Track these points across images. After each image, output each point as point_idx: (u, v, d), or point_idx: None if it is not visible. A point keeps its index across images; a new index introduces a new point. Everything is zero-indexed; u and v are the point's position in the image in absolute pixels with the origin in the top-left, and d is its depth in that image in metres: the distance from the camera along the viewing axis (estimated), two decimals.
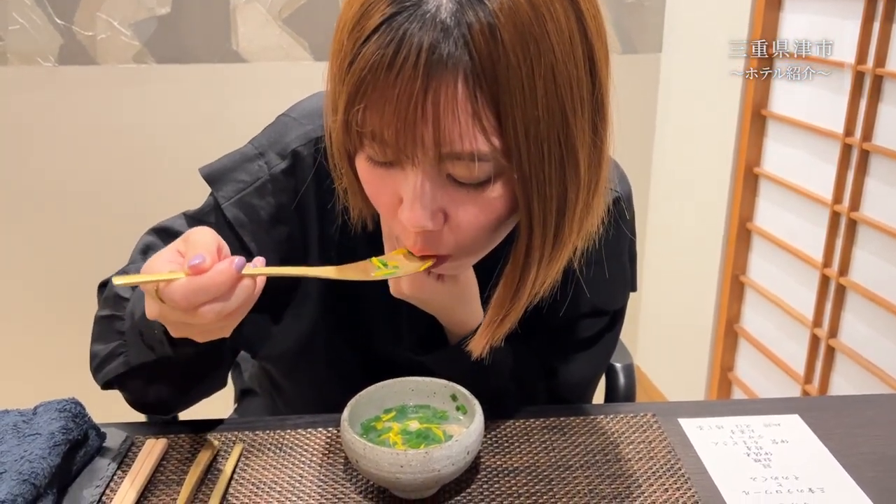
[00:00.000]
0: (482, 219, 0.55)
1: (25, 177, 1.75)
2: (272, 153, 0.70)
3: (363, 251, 0.65)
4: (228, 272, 0.50)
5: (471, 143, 0.50)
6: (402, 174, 0.54)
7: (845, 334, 1.33)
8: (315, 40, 1.72)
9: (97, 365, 0.67)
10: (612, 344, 0.80)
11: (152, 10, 1.66)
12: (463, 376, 0.68)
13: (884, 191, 1.22)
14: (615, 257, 0.73)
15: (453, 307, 0.67)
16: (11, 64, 1.67)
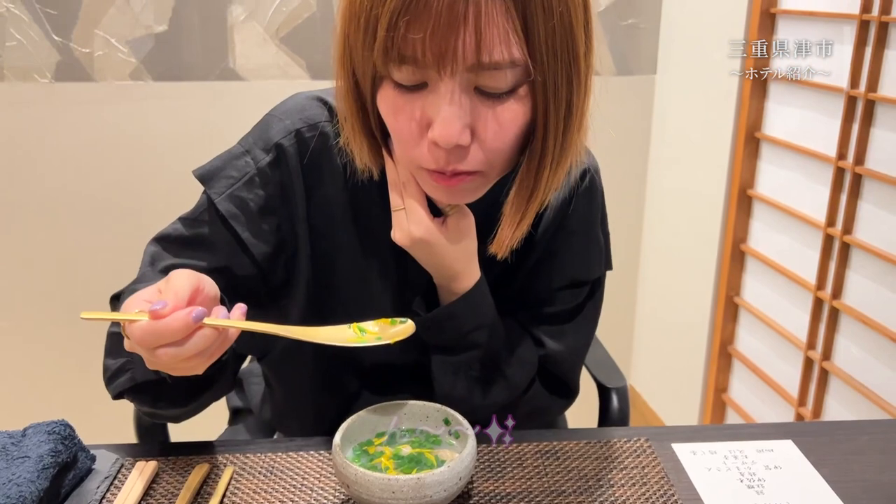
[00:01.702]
0: (505, 131, 0.60)
1: (21, 193, 1.74)
2: (257, 149, 0.74)
3: (373, 209, 0.73)
4: (184, 321, 0.53)
5: (506, 50, 0.56)
6: (432, 94, 0.59)
7: (839, 357, 1.33)
8: (312, 59, 1.72)
9: (108, 378, 0.70)
10: (595, 313, 0.84)
11: (150, 28, 1.67)
12: (459, 338, 0.72)
13: (877, 214, 1.22)
14: (589, 228, 0.79)
15: (454, 258, 0.71)
16: (8, 80, 1.67)
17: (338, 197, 0.75)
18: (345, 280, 0.77)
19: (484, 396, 0.77)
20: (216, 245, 0.74)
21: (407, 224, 0.69)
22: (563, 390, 0.83)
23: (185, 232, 0.75)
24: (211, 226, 0.74)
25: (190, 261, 0.73)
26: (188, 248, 0.74)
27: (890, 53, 1.18)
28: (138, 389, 0.66)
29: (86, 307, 1.88)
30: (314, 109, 0.75)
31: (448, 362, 0.75)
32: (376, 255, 0.76)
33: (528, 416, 0.81)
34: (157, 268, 0.73)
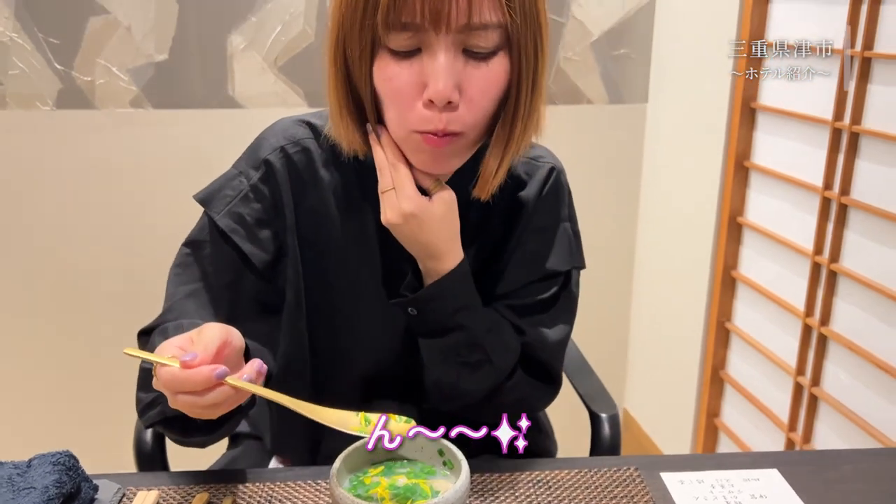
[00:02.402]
0: (489, 90, 0.70)
1: (23, 218, 1.76)
2: (249, 168, 0.82)
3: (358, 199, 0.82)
4: (207, 376, 0.58)
5: (492, 12, 0.67)
6: (426, 56, 0.68)
7: (827, 383, 1.36)
8: (309, 87, 1.76)
9: (140, 410, 0.74)
10: (569, 305, 0.89)
11: (150, 57, 1.70)
12: (446, 318, 0.78)
13: (862, 244, 1.25)
14: (558, 222, 0.87)
15: (440, 236, 0.76)
16: (10, 107, 1.70)
17: (323, 205, 0.82)
18: (335, 280, 0.84)
19: (472, 381, 0.82)
20: (221, 261, 0.80)
21: (397, 201, 0.74)
22: (546, 378, 0.88)
23: (192, 256, 0.82)
24: (213, 244, 0.81)
25: (198, 284, 0.80)
26: (198, 272, 0.81)
27: (872, 87, 1.21)
28: (168, 421, 0.71)
29: (88, 332, 1.90)
30: (297, 129, 0.83)
31: (436, 347, 0.81)
32: (363, 254, 0.83)
33: (512, 406, 0.82)
34: (179, 295, 0.80)
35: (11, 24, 1.65)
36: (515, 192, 0.85)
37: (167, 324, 0.74)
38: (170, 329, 0.72)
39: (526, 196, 0.85)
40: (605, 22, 1.80)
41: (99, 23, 1.67)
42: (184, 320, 0.74)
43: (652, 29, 1.82)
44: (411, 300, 0.79)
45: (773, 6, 1.44)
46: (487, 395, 0.83)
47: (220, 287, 0.79)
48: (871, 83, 1.21)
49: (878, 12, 1.19)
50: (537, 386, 0.87)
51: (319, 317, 0.85)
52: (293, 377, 0.86)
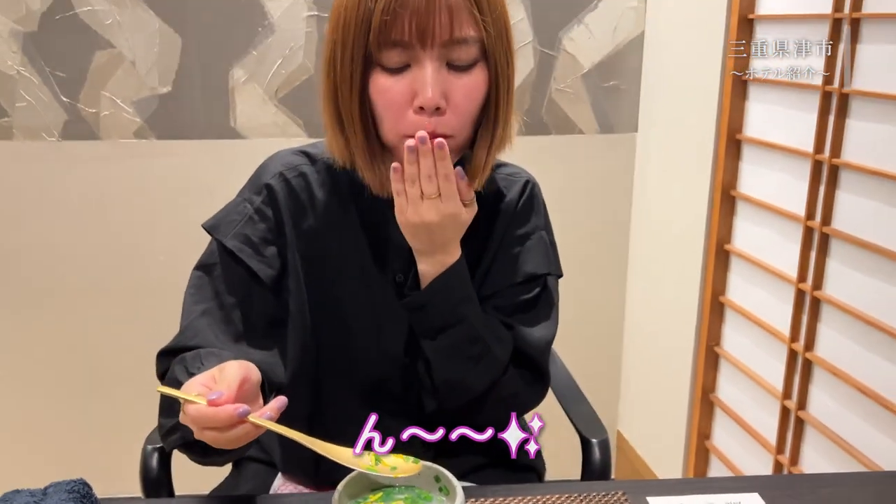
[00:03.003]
0: (471, 97, 0.80)
1: (29, 246, 1.80)
2: (252, 194, 0.91)
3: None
4: (230, 414, 0.63)
5: (470, 28, 0.78)
6: (415, 70, 0.78)
7: (813, 407, 1.39)
8: (309, 118, 1.81)
9: (163, 434, 0.79)
10: (549, 307, 0.96)
11: (154, 90, 1.75)
12: (450, 310, 0.85)
13: (843, 272, 1.30)
14: (534, 229, 0.95)
15: (445, 239, 0.84)
16: (17, 139, 1.74)
17: (319, 222, 0.90)
18: (336, 291, 0.91)
19: (476, 374, 0.88)
20: (232, 280, 0.87)
21: (442, 204, 0.81)
22: (535, 374, 0.93)
23: (204, 278, 0.88)
24: (223, 265, 0.87)
25: (210, 303, 0.86)
26: (210, 291, 0.87)
27: (850, 123, 1.26)
28: (189, 445, 0.76)
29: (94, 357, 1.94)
30: (294, 158, 0.93)
31: (442, 346, 0.87)
32: (359, 263, 0.90)
33: (508, 402, 0.91)
34: (194, 314, 0.86)
35: (19, 58, 1.70)
36: (496, 203, 0.94)
37: (185, 354, 0.80)
38: (187, 359, 0.78)
39: (505, 206, 0.94)
40: (596, 55, 1.85)
41: (104, 57, 1.72)
42: (201, 350, 0.79)
43: (641, 62, 1.87)
44: (421, 293, 0.86)
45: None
46: (486, 391, 0.89)
47: (232, 304, 0.86)
48: (848, 118, 1.27)
49: (855, 51, 1.24)
50: (528, 381, 0.93)
51: (324, 327, 0.91)
52: (300, 385, 0.92)
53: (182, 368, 0.77)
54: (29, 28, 1.68)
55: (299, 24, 1.74)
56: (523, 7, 1.80)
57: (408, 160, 0.79)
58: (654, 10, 1.83)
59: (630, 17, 1.85)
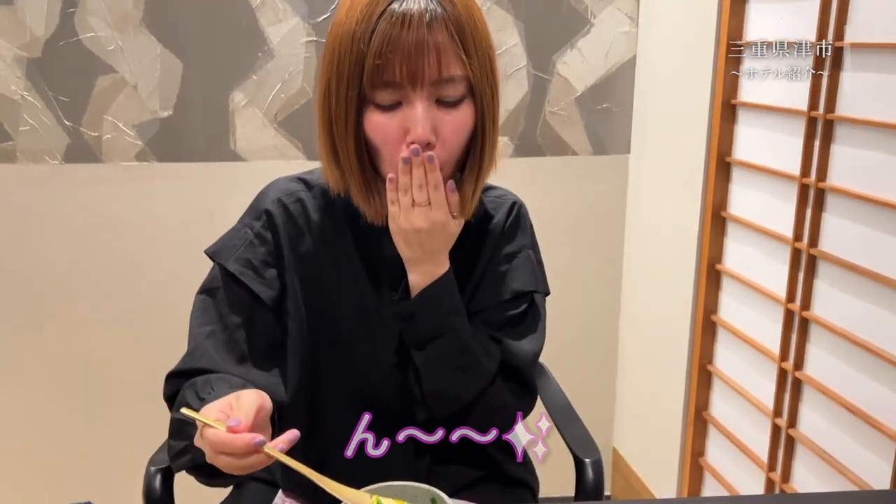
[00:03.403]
0: (459, 131, 0.85)
1: (32, 268, 1.83)
2: (252, 220, 0.95)
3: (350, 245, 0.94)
4: (247, 443, 0.66)
5: (457, 67, 0.82)
6: (406, 108, 0.82)
7: (803, 425, 1.42)
8: (308, 141, 1.84)
9: (172, 457, 0.82)
10: (535, 322, 0.99)
11: (156, 113, 1.79)
12: (440, 320, 0.89)
13: (831, 293, 1.33)
14: (521, 248, 0.99)
15: (445, 245, 0.89)
16: (20, 162, 1.77)
17: (316, 244, 0.94)
18: (333, 310, 0.94)
19: (464, 385, 0.91)
20: (235, 303, 0.90)
21: (432, 212, 0.85)
22: (522, 386, 0.97)
23: (208, 301, 0.91)
24: (226, 289, 0.91)
25: (215, 325, 0.89)
26: (214, 314, 0.90)
27: (836, 148, 1.30)
28: (197, 467, 0.78)
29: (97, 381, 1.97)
30: (291, 184, 0.97)
31: (431, 356, 0.90)
32: (354, 282, 0.94)
33: (497, 412, 0.94)
34: (200, 337, 0.90)
35: (23, 83, 1.73)
36: (484, 224, 0.98)
37: (196, 379, 0.83)
38: (198, 384, 0.81)
39: (493, 226, 0.98)
40: (589, 78, 1.89)
41: (107, 81, 1.75)
42: (211, 375, 0.83)
43: (633, 85, 1.91)
44: (411, 303, 0.90)
45: (745, 69, 1.54)
46: (474, 401, 0.92)
47: (235, 326, 0.90)
48: (834, 144, 1.30)
49: (839, 78, 1.28)
50: (516, 393, 0.96)
51: (321, 344, 0.95)
52: (299, 400, 0.95)
53: (193, 393, 0.79)
54: (33, 54, 1.72)
55: (298, 49, 1.78)
56: (517, 32, 1.84)
57: (402, 171, 0.84)
58: (645, 35, 1.88)
59: (622, 42, 1.89)
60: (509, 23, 1.83)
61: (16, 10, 1.69)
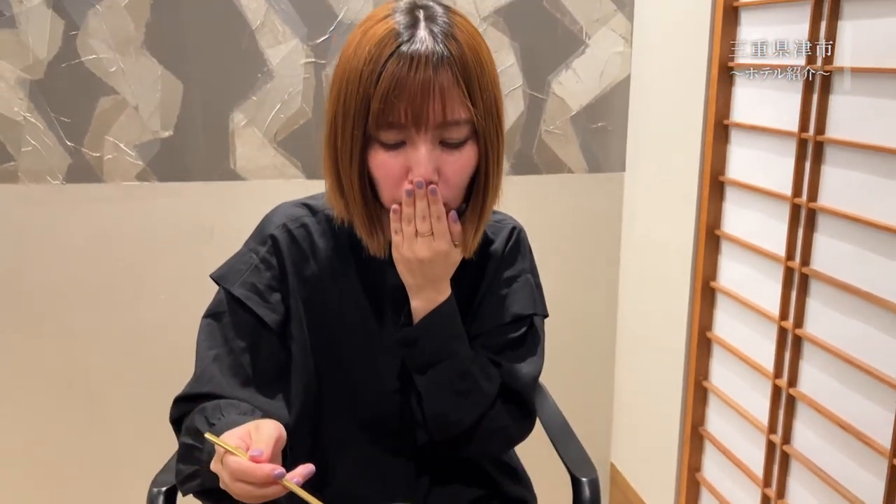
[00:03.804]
0: (462, 172, 0.86)
1: (33, 287, 1.84)
2: (257, 245, 0.96)
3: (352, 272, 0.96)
4: (267, 474, 0.68)
5: (462, 111, 0.83)
6: (410, 149, 0.83)
7: (798, 442, 1.44)
8: (307, 161, 1.86)
9: (181, 481, 0.84)
10: (535, 346, 1.01)
11: (156, 134, 1.81)
12: (442, 345, 0.90)
13: (824, 312, 1.35)
14: (521, 272, 1.02)
15: (446, 273, 0.91)
16: (22, 182, 1.79)
17: (320, 269, 0.96)
18: (336, 334, 0.96)
19: (464, 409, 0.93)
20: (240, 327, 0.92)
21: (434, 241, 0.87)
22: (521, 409, 0.98)
23: (214, 325, 0.93)
24: (232, 313, 0.93)
25: (221, 349, 0.91)
26: (220, 338, 0.92)
27: (826, 168, 1.32)
28: (205, 492, 0.81)
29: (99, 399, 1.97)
30: (296, 210, 0.99)
31: (432, 380, 0.92)
32: (357, 307, 0.96)
33: (496, 435, 0.96)
34: (206, 361, 0.92)
35: (26, 104, 1.75)
36: (485, 248, 0.99)
37: (205, 404, 0.85)
38: (208, 409, 0.83)
39: (493, 251, 1.00)
40: (584, 98, 1.92)
41: (108, 103, 1.77)
42: (220, 401, 0.85)
43: (627, 104, 1.94)
44: (413, 329, 0.91)
45: (737, 90, 1.56)
46: (475, 424, 0.94)
47: (241, 349, 0.91)
48: (824, 165, 1.32)
49: (827, 101, 1.31)
50: (515, 416, 0.98)
51: (325, 368, 0.96)
52: (303, 423, 0.97)
53: (203, 419, 0.81)
54: (35, 76, 1.74)
55: (297, 70, 1.80)
56: (513, 53, 1.87)
57: (405, 202, 0.86)
58: (639, 55, 1.90)
59: (616, 62, 1.91)
60: (505, 44, 1.86)
61: (18, 33, 1.71)
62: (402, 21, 0.82)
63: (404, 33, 0.81)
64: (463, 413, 0.93)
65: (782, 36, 1.40)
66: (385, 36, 0.81)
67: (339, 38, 1.80)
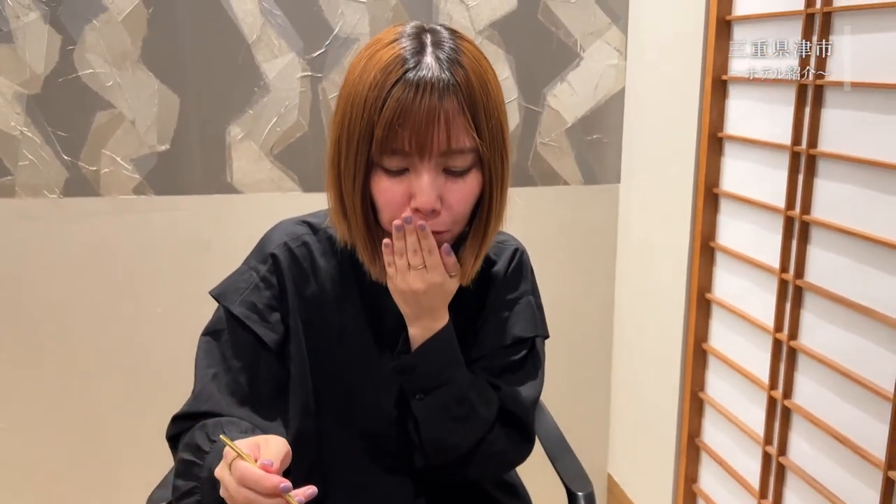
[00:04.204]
0: (466, 199, 0.85)
1: (30, 301, 1.84)
2: (257, 263, 0.95)
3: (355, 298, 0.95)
4: (274, 485, 0.69)
5: (466, 139, 0.82)
6: (413, 175, 0.82)
7: (793, 453, 1.44)
8: (303, 174, 1.87)
9: (178, 497, 0.83)
10: (535, 369, 1.01)
11: (153, 147, 1.81)
12: (439, 372, 0.90)
13: (818, 324, 1.35)
14: (523, 294, 1.01)
15: (431, 305, 0.89)
16: (19, 196, 1.79)
17: (321, 289, 0.95)
18: (336, 355, 0.95)
19: (461, 434, 0.92)
20: (239, 346, 0.91)
21: (427, 274, 0.87)
22: (521, 433, 0.98)
23: (212, 343, 0.93)
24: (231, 331, 0.92)
25: (219, 367, 0.91)
26: (218, 356, 0.92)
27: (819, 182, 1.33)
28: None
29: (95, 414, 1.97)
30: (297, 228, 0.98)
31: (429, 406, 0.91)
32: (358, 328, 0.96)
33: (494, 459, 0.96)
34: (205, 379, 0.91)
35: (23, 119, 1.76)
36: (486, 269, 0.98)
37: (206, 421, 0.85)
38: (209, 426, 0.83)
39: (495, 273, 1.00)
40: (579, 110, 1.93)
41: (105, 117, 1.78)
42: (221, 418, 0.85)
43: (622, 116, 1.95)
44: (410, 357, 0.91)
45: (730, 102, 1.58)
46: (473, 449, 0.93)
47: (239, 368, 0.91)
48: (817, 178, 1.33)
49: (819, 114, 1.32)
50: (514, 439, 0.98)
51: (324, 388, 0.96)
52: (301, 443, 0.95)
53: (203, 435, 0.81)
54: (32, 90, 1.74)
55: (294, 84, 1.81)
56: (508, 66, 1.88)
57: (396, 237, 0.85)
58: (633, 68, 1.92)
59: (611, 75, 1.93)
60: (500, 57, 1.87)
61: (15, 48, 1.72)
62: (409, 46, 0.81)
63: (410, 59, 0.80)
64: (460, 438, 0.93)
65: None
66: (391, 62, 0.80)
67: (335, 52, 1.81)
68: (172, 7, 1.74)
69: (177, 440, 0.88)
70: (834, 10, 1.26)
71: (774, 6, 1.40)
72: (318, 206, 1.01)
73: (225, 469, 0.72)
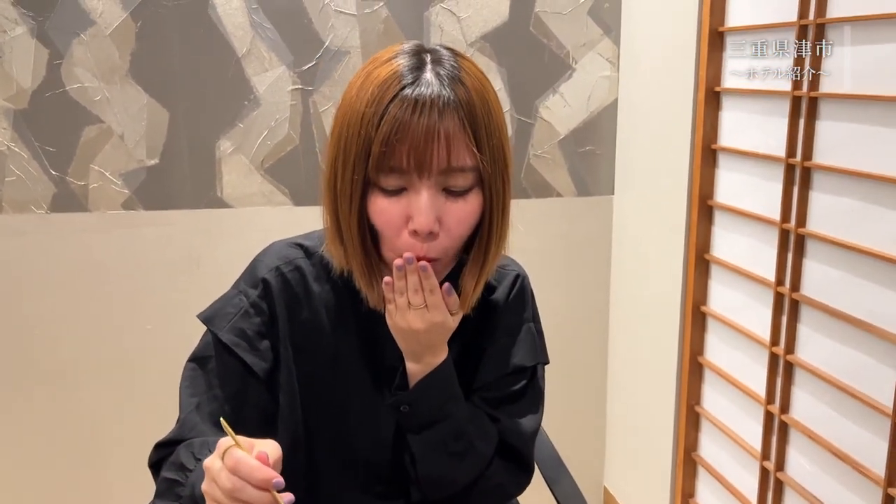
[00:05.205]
0: (465, 221, 0.81)
1: (18, 318, 1.81)
2: (248, 287, 0.91)
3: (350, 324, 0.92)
4: (269, 475, 0.65)
5: (467, 157, 0.78)
6: (411, 195, 0.78)
7: (791, 468, 1.42)
8: (294, 187, 1.85)
9: None
10: (536, 398, 0.99)
11: (142, 162, 1.79)
12: (437, 409, 0.87)
13: (814, 338, 1.34)
14: (521, 324, 0.98)
15: (431, 343, 0.87)
16: (6, 212, 1.77)
17: (315, 316, 0.91)
18: (328, 385, 0.92)
19: (459, 470, 0.90)
20: (226, 374, 0.88)
21: (429, 314, 0.84)
22: (520, 465, 0.96)
23: (198, 371, 0.89)
24: (218, 358, 0.89)
25: (203, 396, 0.88)
26: (203, 384, 0.88)
27: (813, 194, 1.32)
28: None
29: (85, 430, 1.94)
30: (290, 251, 0.93)
31: (426, 441, 0.89)
32: (353, 358, 0.92)
33: (492, 493, 0.94)
34: (189, 408, 0.88)
35: (10, 134, 1.74)
36: (487, 296, 0.95)
37: (192, 440, 0.82)
38: (195, 445, 0.80)
39: (495, 300, 0.96)
40: (572, 122, 1.92)
41: (93, 132, 1.76)
42: (208, 438, 0.82)
43: (615, 127, 1.94)
44: (408, 393, 0.88)
45: (724, 114, 1.57)
46: (470, 484, 0.91)
47: (225, 398, 0.88)
48: (811, 190, 1.32)
49: (813, 127, 1.31)
50: (513, 472, 0.95)
51: (316, 417, 0.93)
52: (290, 474, 0.92)
53: (189, 454, 0.79)
54: (20, 105, 1.72)
55: (284, 97, 1.80)
56: (500, 78, 1.87)
57: (396, 276, 0.82)
58: (626, 79, 1.91)
59: (603, 86, 1.92)
60: (492, 69, 1.86)
61: (2, 63, 1.70)
62: (407, 63, 0.79)
63: (408, 76, 0.78)
64: (458, 474, 0.91)
65: (768, 62, 1.40)
66: (388, 78, 0.78)
67: (325, 65, 1.80)
68: (161, 20, 1.72)
69: (158, 467, 0.86)
70: (827, 22, 1.25)
71: (768, 17, 1.40)
72: (310, 219, 0.97)
73: (216, 459, 0.68)
